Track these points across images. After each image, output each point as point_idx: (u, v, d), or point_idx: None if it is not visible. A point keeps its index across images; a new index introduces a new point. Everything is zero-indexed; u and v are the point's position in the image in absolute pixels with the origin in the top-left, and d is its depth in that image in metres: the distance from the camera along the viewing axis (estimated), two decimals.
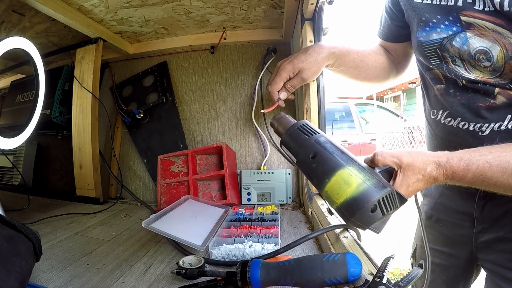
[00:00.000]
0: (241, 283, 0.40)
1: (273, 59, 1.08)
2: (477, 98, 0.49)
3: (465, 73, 0.50)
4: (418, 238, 0.74)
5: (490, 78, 0.47)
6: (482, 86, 0.48)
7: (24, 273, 0.40)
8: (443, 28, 0.51)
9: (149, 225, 0.61)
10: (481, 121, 0.49)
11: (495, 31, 0.45)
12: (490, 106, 0.48)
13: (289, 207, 0.96)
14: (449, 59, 0.52)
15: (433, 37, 0.53)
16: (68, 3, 0.88)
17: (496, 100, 0.48)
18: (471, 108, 0.50)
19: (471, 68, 0.49)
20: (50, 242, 0.69)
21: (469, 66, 0.49)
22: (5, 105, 1.30)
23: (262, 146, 1.08)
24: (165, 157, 1.02)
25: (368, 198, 0.38)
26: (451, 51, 0.50)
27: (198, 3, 0.91)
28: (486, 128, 0.49)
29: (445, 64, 0.52)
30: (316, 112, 0.80)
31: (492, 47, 0.46)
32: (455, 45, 0.49)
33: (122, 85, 1.21)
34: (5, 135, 0.75)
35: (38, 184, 1.27)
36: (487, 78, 0.48)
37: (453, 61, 0.51)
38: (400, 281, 0.34)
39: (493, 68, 0.46)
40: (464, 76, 0.50)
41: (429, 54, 0.55)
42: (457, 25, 0.49)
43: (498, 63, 0.45)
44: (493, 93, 0.48)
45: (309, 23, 0.80)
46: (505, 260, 0.55)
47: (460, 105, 0.52)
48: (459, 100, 0.52)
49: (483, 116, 0.49)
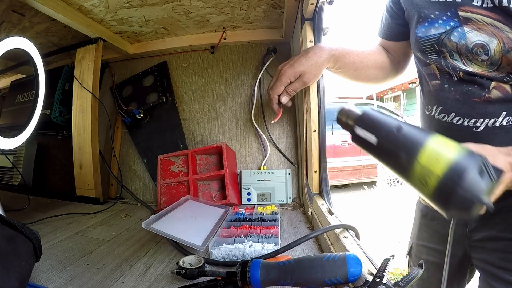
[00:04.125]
0: (241, 283, 0.40)
1: (273, 59, 1.08)
2: (472, 93, 0.50)
3: (462, 66, 0.50)
4: (414, 236, 0.74)
5: (488, 72, 0.48)
6: (479, 79, 0.49)
7: (24, 273, 0.40)
8: (441, 23, 0.51)
9: (149, 225, 0.61)
10: (476, 116, 0.49)
11: (493, 26, 0.45)
12: (485, 100, 0.48)
13: (289, 207, 0.96)
14: (447, 53, 0.52)
15: (431, 33, 0.53)
16: (68, 3, 0.88)
17: (491, 95, 0.48)
18: (466, 103, 0.50)
19: (469, 62, 0.49)
20: (50, 242, 0.69)
21: (466, 60, 0.50)
22: (5, 105, 1.29)
23: (262, 146, 1.08)
24: (165, 157, 1.02)
25: (475, 158, 0.32)
26: (449, 45, 0.51)
27: (198, 3, 0.91)
28: (480, 124, 0.49)
29: (443, 59, 0.53)
30: (316, 112, 0.80)
31: (489, 41, 0.46)
32: (453, 40, 0.50)
33: (122, 85, 1.21)
34: (5, 135, 0.75)
35: (38, 184, 1.27)
36: (484, 71, 0.48)
37: (451, 56, 0.51)
38: (400, 281, 0.34)
39: (490, 61, 0.47)
40: (461, 68, 0.50)
41: (427, 50, 0.55)
42: (454, 20, 0.49)
43: (495, 57, 0.46)
44: (488, 87, 0.48)
45: (309, 23, 0.80)
46: (497, 259, 0.55)
47: (454, 100, 0.52)
48: (454, 96, 0.52)
49: (477, 112, 0.49)
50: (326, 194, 0.78)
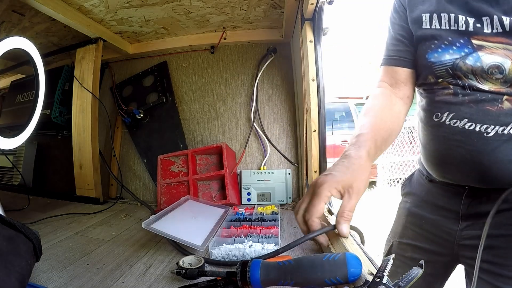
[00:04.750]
0: (241, 283, 0.40)
1: (273, 59, 1.08)
2: (486, 102, 0.52)
3: (478, 85, 0.53)
4: (396, 235, 0.74)
5: (501, 88, 0.51)
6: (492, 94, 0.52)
7: (24, 273, 0.40)
8: (455, 49, 0.54)
9: (149, 225, 0.61)
10: (488, 122, 0.52)
11: (506, 49, 0.49)
12: (498, 110, 0.51)
13: (289, 207, 0.96)
14: (461, 75, 0.54)
15: (445, 58, 0.55)
16: (68, 3, 0.88)
17: (503, 105, 0.51)
18: (479, 110, 0.53)
19: (483, 80, 0.52)
20: (50, 242, 0.69)
21: (481, 79, 0.53)
22: (5, 105, 1.30)
23: (262, 146, 1.08)
24: (165, 157, 1.02)
25: None
26: (464, 69, 0.53)
27: (198, 3, 0.91)
28: (491, 130, 0.52)
29: (458, 79, 0.55)
30: (316, 112, 0.81)
31: (504, 62, 0.50)
32: (468, 63, 0.53)
33: (122, 85, 1.21)
34: (5, 135, 0.75)
35: (38, 184, 1.26)
36: (498, 88, 0.51)
37: (465, 76, 0.54)
38: (400, 281, 0.34)
39: (505, 79, 0.50)
40: (476, 86, 0.53)
41: (440, 73, 0.57)
42: (468, 47, 0.52)
43: (510, 75, 0.50)
44: (501, 99, 0.51)
45: (309, 23, 0.80)
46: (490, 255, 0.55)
47: (468, 107, 0.54)
48: (467, 103, 0.54)
49: (490, 118, 0.52)
50: None
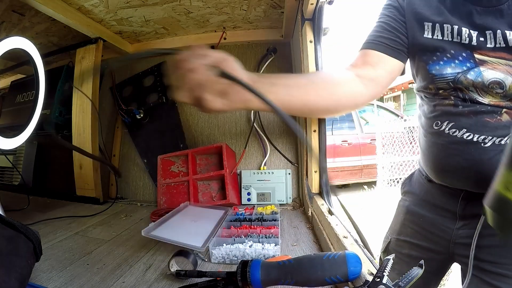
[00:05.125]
0: (241, 283, 0.40)
1: (273, 59, 1.08)
2: (485, 114, 0.53)
3: (478, 98, 0.54)
4: (394, 232, 0.75)
5: (501, 102, 0.52)
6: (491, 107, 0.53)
7: (24, 273, 0.40)
8: (457, 63, 0.54)
9: (148, 233, 0.61)
10: (486, 133, 0.53)
11: (507, 65, 0.50)
12: (496, 121, 0.52)
13: (289, 207, 0.96)
14: (462, 88, 0.55)
15: (447, 71, 0.55)
16: (68, 3, 0.88)
17: (502, 118, 0.52)
18: (478, 122, 0.54)
19: (484, 93, 0.53)
20: (50, 242, 0.69)
21: (482, 92, 0.54)
22: (5, 105, 1.29)
23: (262, 146, 1.08)
24: (165, 157, 1.02)
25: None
26: (465, 82, 0.54)
27: (198, 3, 0.91)
28: (488, 140, 0.53)
29: (458, 91, 0.55)
30: None
31: (505, 78, 0.51)
32: (470, 78, 0.53)
33: (122, 85, 1.21)
34: (5, 135, 0.75)
35: (38, 184, 1.26)
36: (498, 102, 0.52)
37: (466, 89, 0.55)
38: (400, 281, 0.34)
39: (505, 94, 0.51)
40: (477, 99, 0.54)
41: (441, 85, 0.57)
42: (470, 61, 0.53)
43: (510, 91, 0.51)
44: (500, 112, 0.52)
45: (309, 23, 0.80)
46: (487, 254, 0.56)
47: (467, 118, 0.55)
48: (467, 114, 0.55)
49: (488, 130, 0.53)
50: (326, 194, 0.78)
